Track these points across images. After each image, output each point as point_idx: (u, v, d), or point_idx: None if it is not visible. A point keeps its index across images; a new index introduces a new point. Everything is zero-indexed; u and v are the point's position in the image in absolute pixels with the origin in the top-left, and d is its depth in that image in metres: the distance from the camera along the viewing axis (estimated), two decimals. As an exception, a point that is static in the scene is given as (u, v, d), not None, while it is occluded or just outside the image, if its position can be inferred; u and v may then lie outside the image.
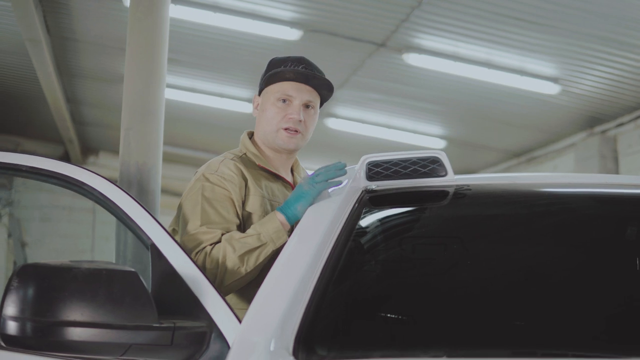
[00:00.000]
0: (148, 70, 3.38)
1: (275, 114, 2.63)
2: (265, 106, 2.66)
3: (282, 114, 2.63)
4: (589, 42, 7.18)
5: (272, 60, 2.72)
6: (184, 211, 2.50)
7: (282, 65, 2.65)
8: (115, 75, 9.44)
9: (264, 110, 2.66)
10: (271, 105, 2.64)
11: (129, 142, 3.27)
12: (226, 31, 7.64)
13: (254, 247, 2.37)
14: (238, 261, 2.35)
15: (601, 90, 8.35)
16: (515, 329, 1.68)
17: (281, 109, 2.63)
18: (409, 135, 10.95)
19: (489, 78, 8.22)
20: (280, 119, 2.63)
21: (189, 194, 2.52)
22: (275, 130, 2.63)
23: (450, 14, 6.79)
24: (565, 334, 1.67)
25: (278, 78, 2.63)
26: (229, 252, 2.36)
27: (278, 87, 2.64)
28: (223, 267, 2.35)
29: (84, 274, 1.77)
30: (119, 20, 7.27)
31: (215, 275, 2.35)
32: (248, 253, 2.37)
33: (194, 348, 1.86)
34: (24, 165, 2.25)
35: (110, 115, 11.77)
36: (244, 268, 2.36)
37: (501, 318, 1.73)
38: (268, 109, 2.65)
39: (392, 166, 2.35)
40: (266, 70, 2.70)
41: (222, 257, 2.36)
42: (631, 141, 9.08)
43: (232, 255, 2.36)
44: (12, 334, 1.71)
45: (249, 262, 2.37)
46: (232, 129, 11.60)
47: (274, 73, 2.64)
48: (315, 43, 7.61)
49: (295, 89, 2.63)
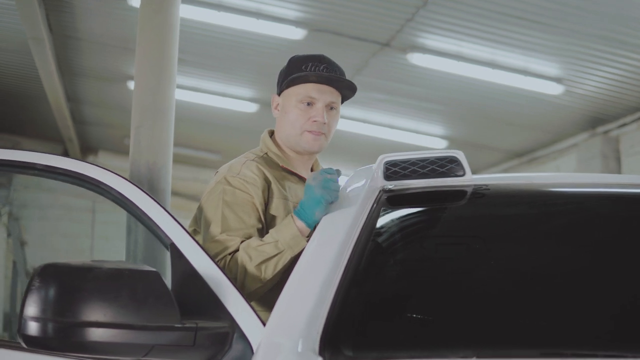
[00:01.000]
0: (158, 68, 3.36)
1: (298, 116, 2.60)
2: (288, 108, 2.62)
3: (306, 117, 2.59)
4: (593, 42, 7.17)
5: (292, 59, 2.68)
6: (205, 214, 2.47)
7: (303, 66, 2.61)
8: (117, 74, 9.42)
9: (287, 113, 2.62)
10: (294, 107, 2.60)
11: (139, 141, 3.24)
12: (231, 30, 7.62)
13: (272, 256, 2.32)
14: (255, 270, 2.31)
15: (604, 91, 8.35)
16: (541, 329, 1.66)
17: (304, 112, 2.59)
18: (411, 135, 10.94)
19: (493, 78, 8.21)
20: (304, 122, 2.59)
21: (209, 196, 2.48)
22: (299, 133, 2.60)
23: (455, 13, 6.77)
24: (593, 333, 1.65)
25: (301, 80, 2.60)
26: (247, 262, 2.31)
27: (301, 89, 2.60)
28: (242, 276, 2.32)
29: (105, 274, 1.75)
30: (122, 19, 7.25)
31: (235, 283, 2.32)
32: (266, 262, 2.31)
33: (217, 348, 1.84)
34: (38, 164, 2.23)
35: (110, 115, 11.76)
36: (262, 276, 2.32)
37: (526, 318, 1.72)
38: (291, 111, 2.61)
39: (409, 165, 2.34)
40: (287, 70, 2.66)
41: (240, 267, 2.32)
42: (634, 141, 9.08)
43: (249, 265, 2.31)
44: (33, 335, 1.68)
45: (267, 270, 2.31)
46: (235, 128, 11.60)
47: (297, 77, 2.60)
48: (320, 42, 7.59)
49: (317, 91, 2.59)
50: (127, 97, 10.51)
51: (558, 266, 1.92)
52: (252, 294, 2.34)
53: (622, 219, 2.13)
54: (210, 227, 2.42)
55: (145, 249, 3.23)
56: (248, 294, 2.30)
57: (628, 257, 1.94)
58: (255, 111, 10.60)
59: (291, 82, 2.61)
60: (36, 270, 1.72)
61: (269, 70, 8.98)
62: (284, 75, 2.66)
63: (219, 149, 12.86)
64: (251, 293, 2.33)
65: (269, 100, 10.70)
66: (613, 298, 1.79)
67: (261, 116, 10.79)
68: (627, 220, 2.12)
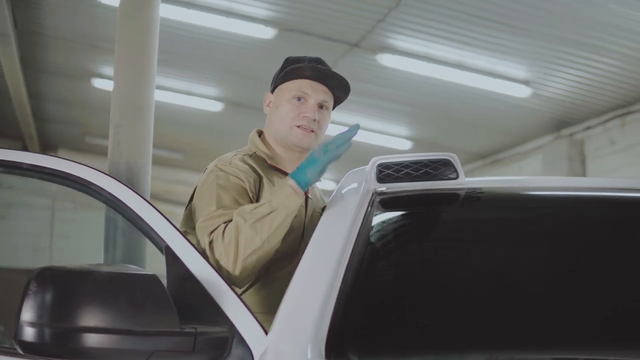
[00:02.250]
0: (139, 66, 3.30)
1: (289, 110, 2.57)
2: (280, 103, 2.60)
3: (297, 112, 2.57)
4: (561, 45, 7.25)
5: (288, 59, 2.66)
6: (199, 202, 2.42)
7: (300, 64, 2.60)
8: (82, 71, 9.29)
9: (278, 107, 2.61)
10: (286, 102, 2.59)
11: (118, 140, 3.17)
12: (199, 28, 7.57)
13: (266, 214, 2.26)
14: (251, 230, 2.24)
15: (570, 94, 8.44)
16: (550, 332, 1.66)
17: (296, 107, 2.57)
18: (375, 135, 10.96)
19: (461, 80, 8.25)
20: (294, 116, 2.57)
21: (202, 187, 2.44)
22: (289, 127, 2.58)
23: (427, 14, 6.80)
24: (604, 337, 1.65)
25: (296, 75, 2.58)
26: (241, 224, 2.25)
27: (295, 84, 2.58)
28: (237, 240, 2.25)
29: (104, 278, 1.70)
30: (91, 15, 7.15)
31: (232, 251, 2.25)
32: (260, 220, 2.25)
33: (216, 354, 1.80)
34: (25, 163, 2.16)
35: (73, 113, 11.61)
36: (258, 237, 2.24)
37: (534, 321, 1.71)
38: (282, 105, 2.59)
39: (402, 168, 2.32)
40: (282, 68, 2.64)
41: (235, 230, 2.25)
42: (599, 144, 9.20)
43: (244, 226, 2.24)
44: (30, 341, 1.63)
45: (263, 229, 2.24)
46: (199, 127, 11.52)
47: (293, 69, 2.58)
48: (289, 42, 7.56)
49: (311, 87, 2.58)
50: (92, 95, 10.40)
51: (558, 268, 1.92)
52: (249, 263, 2.26)
53: (617, 222, 2.14)
54: (205, 209, 2.37)
55: (124, 250, 3.17)
56: (245, 265, 2.25)
57: (626, 259, 1.95)
58: (220, 110, 10.54)
59: (287, 75, 2.59)
60: (33, 274, 1.66)
61: (236, 69, 8.94)
62: (279, 73, 2.64)
63: (182, 148, 12.77)
64: (247, 261, 2.25)
65: (234, 99, 10.69)
66: (612, 301, 1.80)
67: (226, 115, 10.74)
68: (623, 223, 2.13)
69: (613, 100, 8.50)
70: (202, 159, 14.01)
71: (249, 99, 9.69)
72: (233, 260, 2.24)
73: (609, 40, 7.01)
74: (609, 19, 6.64)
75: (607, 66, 7.56)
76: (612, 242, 2.04)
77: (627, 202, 2.27)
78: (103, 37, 7.91)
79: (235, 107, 10.40)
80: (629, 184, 2.39)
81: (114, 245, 3.13)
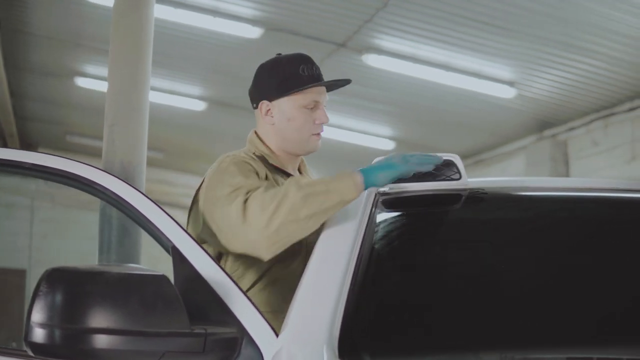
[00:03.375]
0: (133, 65, 3.28)
1: (305, 121, 2.55)
2: (292, 114, 2.55)
3: (312, 120, 2.56)
4: (546, 46, 7.28)
5: (281, 63, 2.60)
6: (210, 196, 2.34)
7: (300, 68, 2.55)
8: (65, 70, 9.22)
9: (291, 120, 2.55)
10: (299, 113, 2.55)
11: (113, 140, 3.15)
12: (186, 27, 7.53)
13: (321, 192, 2.15)
14: (300, 200, 2.13)
15: (554, 95, 8.49)
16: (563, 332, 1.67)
17: (309, 115, 2.56)
18: (358, 135, 10.97)
19: (446, 81, 8.27)
20: (310, 126, 2.56)
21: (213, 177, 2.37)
22: (307, 138, 2.57)
23: (414, 15, 6.81)
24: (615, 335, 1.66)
25: (306, 86, 2.54)
26: (292, 191, 2.15)
27: (306, 94, 2.55)
28: (281, 202, 2.15)
29: (114, 279, 1.69)
30: (76, 14, 7.10)
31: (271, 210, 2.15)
32: (313, 195, 2.15)
33: (225, 354, 1.79)
34: (27, 163, 2.14)
35: (54, 111, 11.53)
36: (305, 209, 2.13)
37: (546, 320, 1.72)
38: (297, 117, 2.55)
39: (405, 168, 2.32)
40: (281, 75, 2.57)
41: (282, 194, 2.16)
42: (582, 145, 9.26)
43: (295, 193, 2.15)
44: (40, 342, 1.62)
45: (312, 205, 2.13)
46: (181, 126, 11.47)
47: (298, 79, 2.53)
48: (276, 42, 7.54)
49: (319, 94, 2.57)
50: (74, 94, 10.33)
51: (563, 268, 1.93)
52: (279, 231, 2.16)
53: (620, 222, 2.16)
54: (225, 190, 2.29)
55: (118, 249, 3.15)
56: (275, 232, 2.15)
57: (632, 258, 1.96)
58: (203, 109, 10.49)
59: (292, 86, 2.54)
60: (43, 275, 1.64)
61: (221, 68, 8.91)
62: (279, 80, 2.57)
63: (163, 147, 12.68)
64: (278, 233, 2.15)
65: (219, 98, 10.60)
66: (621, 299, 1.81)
67: (209, 115, 10.70)
68: (624, 223, 2.15)
69: (596, 102, 8.56)
70: (184, 159, 13.96)
71: (233, 99, 9.65)
72: (268, 218, 2.15)
73: (594, 41, 7.06)
74: (593, 20, 6.68)
75: (591, 67, 7.61)
76: (616, 241, 2.06)
77: (629, 203, 2.29)
78: (88, 36, 7.86)
79: (220, 107, 10.36)
80: (629, 185, 2.41)
81: (108, 246, 3.11)
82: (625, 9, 6.39)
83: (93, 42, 7.89)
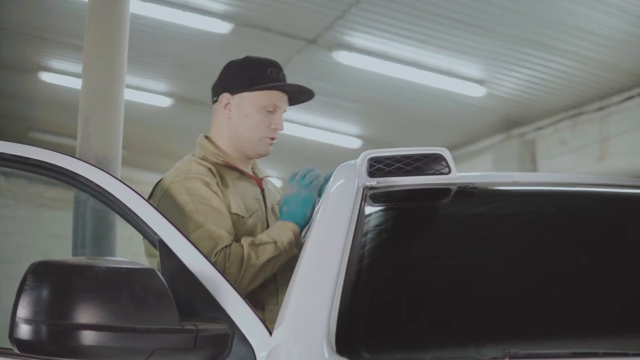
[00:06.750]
0: (109, 58, 3.20)
1: (261, 122, 2.63)
2: (249, 112, 2.63)
3: (268, 123, 2.63)
4: (516, 44, 7.31)
5: (250, 61, 2.68)
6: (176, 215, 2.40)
7: (267, 70, 2.64)
8: (29, 64, 9.05)
9: (247, 116, 2.63)
10: (257, 112, 2.62)
11: (88, 133, 3.06)
12: (154, 22, 7.41)
13: (273, 256, 2.39)
14: (260, 268, 2.37)
15: (523, 94, 8.53)
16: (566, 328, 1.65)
17: (267, 118, 2.63)
18: (324, 133, 10.93)
19: (416, 79, 8.27)
20: (265, 128, 2.63)
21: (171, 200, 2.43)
22: (259, 138, 2.64)
23: (386, 12, 6.79)
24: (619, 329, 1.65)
25: (271, 86, 2.62)
26: (253, 259, 2.36)
27: (268, 95, 2.63)
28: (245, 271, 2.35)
29: (103, 273, 1.62)
30: (43, 6, 6.95)
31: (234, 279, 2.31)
32: (269, 261, 2.38)
33: (217, 351, 1.74)
34: (6, 154, 2.07)
35: (16, 107, 11.30)
36: (262, 276, 2.39)
37: (543, 314, 1.70)
38: (253, 116, 2.62)
39: (394, 162, 2.30)
40: (248, 72, 2.65)
41: (245, 262, 2.35)
42: (550, 144, 9.32)
43: (255, 262, 2.35)
44: (26, 339, 1.55)
45: (267, 270, 2.39)
46: (146, 123, 11.33)
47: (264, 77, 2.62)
48: (245, 37, 7.48)
49: (280, 99, 2.65)
50: (38, 89, 10.14)
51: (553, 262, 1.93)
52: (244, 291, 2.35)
53: (610, 217, 2.16)
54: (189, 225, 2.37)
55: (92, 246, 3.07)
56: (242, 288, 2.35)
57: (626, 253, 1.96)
58: (169, 106, 10.38)
59: (257, 82, 2.61)
60: (29, 269, 1.57)
61: (189, 64, 8.80)
62: (245, 76, 2.64)
63: (126, 145, 12.51)
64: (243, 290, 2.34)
65: (185, 95, 10.48)
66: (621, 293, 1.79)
67: (175, 111, 10.59)
68: (615, 218, 2.14)
69: (565, 101, 8.62)
70: (148, 156, 13.80)
71: (201, 95, 9.54)
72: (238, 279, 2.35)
73: (564, 40, 7.09)
74: (564, 18, 6.71)
75: (561, 66, 7.65)
76: (607, 235, 2.06)
77: (621, 197, 2.29)
78: (54, 30, 7.70)
79: (186, 104, 10.25)
80: (621, 181, 2.42)
81: (82, 239, 3.03)
82: (597, 7, 6.43)
83: (60, 36, 7.72)
